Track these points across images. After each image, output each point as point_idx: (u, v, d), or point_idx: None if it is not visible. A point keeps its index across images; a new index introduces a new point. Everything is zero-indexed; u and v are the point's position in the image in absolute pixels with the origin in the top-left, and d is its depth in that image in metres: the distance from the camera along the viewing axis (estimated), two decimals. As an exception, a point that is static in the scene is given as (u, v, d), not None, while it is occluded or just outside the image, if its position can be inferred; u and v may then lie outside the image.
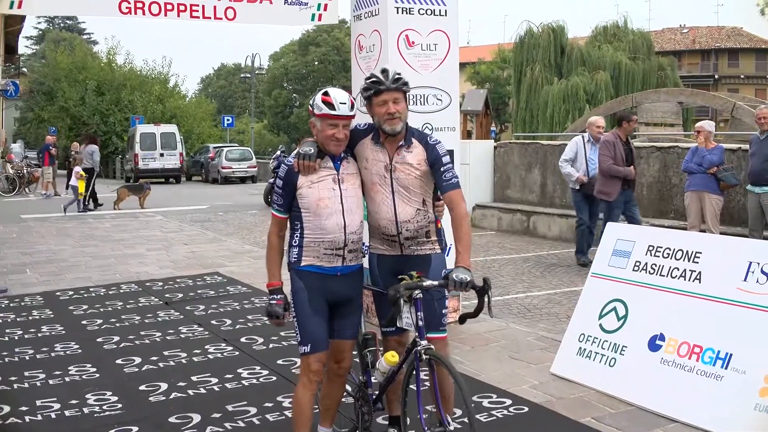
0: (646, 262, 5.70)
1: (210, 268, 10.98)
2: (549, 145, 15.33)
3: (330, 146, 3.96)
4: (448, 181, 4.00)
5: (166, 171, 36.36)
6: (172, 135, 36.50)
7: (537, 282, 10.00)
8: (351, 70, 7.55)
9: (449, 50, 7.06)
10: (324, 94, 3.95)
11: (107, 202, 21.57)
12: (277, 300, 3.99)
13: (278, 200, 4.02)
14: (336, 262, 3.99)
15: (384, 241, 4.16)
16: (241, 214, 19.59)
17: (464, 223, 3.91)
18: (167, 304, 8.54)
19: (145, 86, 46.51)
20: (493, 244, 13.61)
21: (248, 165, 36.41)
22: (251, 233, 15.49)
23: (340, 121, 3.93)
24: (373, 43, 7.00)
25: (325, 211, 3.94)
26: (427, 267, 4.11)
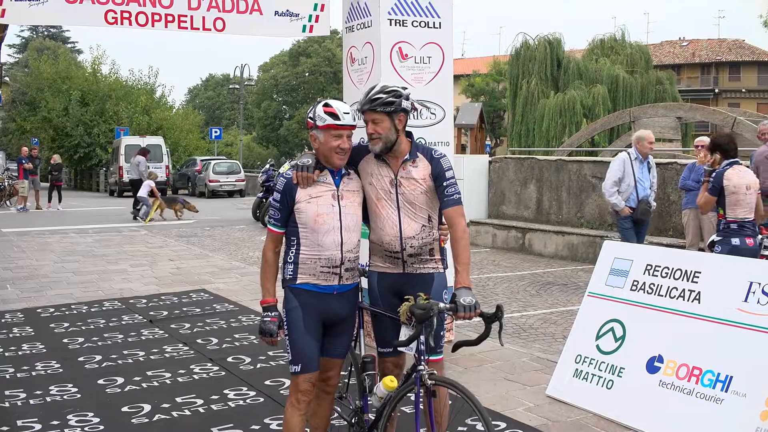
0: (644, 282, 5.71)
1: (196, 285, 10.95)
2: (545, 160, 15.39)
3: (333, 158, 3.96)
4: (450, 196, 4.02)
5: (151, 184, 36.29)
6: (158, 147, 36.44)
7: (532, 301, 10.01)
8: (342, 82, 7.57)
9: (443, 63, 7.09)
10: (325, 105, 3.97)
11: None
12: (271, 317, 3.97)
13: (275, 214, 4.02)
14: (332, 281, 3.99)
15: (386, 258, 4.17)
16: (228, 229, 19.55)
17: (464, 241, 3.92)
18: (151, 322, 8.51)
19: (130, 97, 46.50)
20: (487, 261, 13.62)
21: (236, 178, 36.38)
22: (239, 249, 15.46)
23: (345, 131, 3.95)
24: (366, 55, 7.03)
25: (323, 227, 3.94)
26: (429, 287, 4.11)
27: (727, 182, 7.18)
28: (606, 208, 13.62)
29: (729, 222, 7.21)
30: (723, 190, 7.19)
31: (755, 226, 7.29)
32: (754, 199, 7.24)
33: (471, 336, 7.00)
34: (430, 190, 4.08)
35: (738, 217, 7.18)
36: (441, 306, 3.67)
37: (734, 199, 7.17)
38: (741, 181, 7.19)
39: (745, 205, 7.18)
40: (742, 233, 7.17)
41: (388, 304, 4.13)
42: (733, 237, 7.17)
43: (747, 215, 7.20)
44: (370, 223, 4.20)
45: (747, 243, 7.13)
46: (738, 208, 7.17)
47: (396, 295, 4.11)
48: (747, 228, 7.20)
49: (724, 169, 7.26)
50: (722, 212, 7.27)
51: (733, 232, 7.18)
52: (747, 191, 7.19)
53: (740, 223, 7.18)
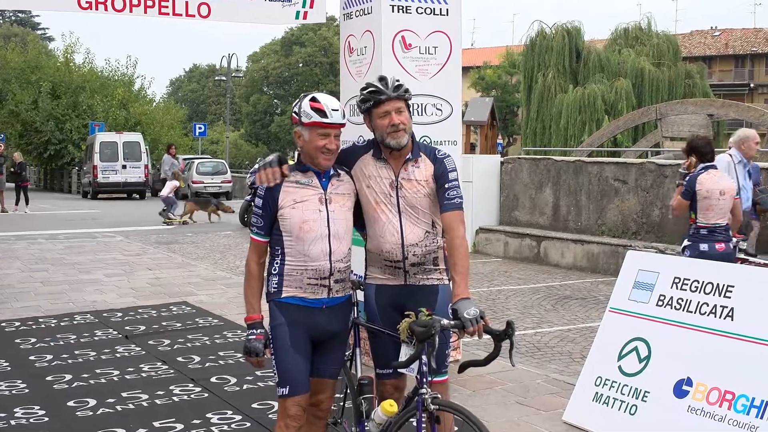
0: (672, 296, 5.70)
1: (177, 297, 10.94)
2: (563, 161, 15.40)
3: (319, 159, 3.96)
4: (451, 200, 4.02)
5: (128, 185, 36.37)
6: (137, 144, 36.53)
7: (548, 317, 10.00)
8: (340, 74, 7.57)
9: (450, 54, 7.09)
10: (312, 100, 3.96)
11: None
12: (256, 335, 3.96)
13: (257, 222, 4.02)
14: (321, 294, 3.98)
15: (386, 269, 4.17)
16: (213, 236, 19.54)
17: (462, 249, 3.92)
18: (127, 338, 8.49)
19: (106, 89, 46.56)
20: (498, 272, 13.61)
21: (222, 179, 36.44)
22: (224, 257, 15.45)
23: (332, 130, 3.95)
24: (365, 45, 7.03)
25: (309, 235, 3.94)
26: (434, 300, 4.11)
27: (699, 187, 7.59)
28: (630, 214, 13.64)
29: (699, 227, 7.62)
30: (696, 194, 7.61)
31: (728, 230, 7.67)
32: (728, 205, 7.63)
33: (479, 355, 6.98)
34: (434, 192, 4.09)
35: (709, 222, 7.58)
36: (444, 323, 3.65)
37: (706, 204, 7.57)
38: (714, 186, 7.58)
39: (718, 210, 7.57)
40: (712, 239, 7.56)
41: (388, 320, 4.12)
42: (702, 242, 7.57)
43: (719, 220, 7.59)
44: (368, 230, 4.20)
45: (717, 248, 7.50)
46: (709, 213, 7.57)
47: (396, 309, 4.10)
48: (718, 233, 7.58)
49: (698, 173, 7.68)
50: (693, 216, 7.68)
51: (702, 237, 7.59)
52: (721, 196, 7.57)
53: (711, 228, 7.58)
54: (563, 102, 35.76)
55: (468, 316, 3.63)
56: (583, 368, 6.12)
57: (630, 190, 13.77)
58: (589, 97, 35.24)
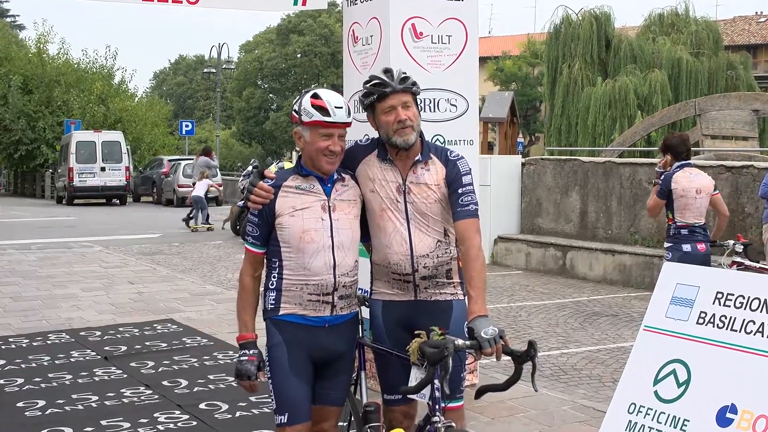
0: (714, 313, 5.67)
1: (162, 314, 10.96)
2: (591, 162, 15.39)
3: (321, 162, 3.97)
4: (465, 206, 4.02)
5: (108, 189, 36.41)
6: (117, 144, 36.59)
7: (575, 335, 9.98)
8: (342, 65, 7.58)
9: (466, 43, 7.09)
10: (314, 97, 3.97)
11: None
12: (249, 356, 3.97)
13: (253, 231, 4.03)
14: (323, 311, 3.98)
15: (394, 283, 4.17)
16: (201, 246, 19.57)
17: (479, 261, 3.93)
18: (107, 360, 8.51)
19: (83, 83, 46.65)
20: (519, 286, 13.60)
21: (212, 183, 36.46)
22: (214, 270, 15.47)
23: (336, 129, 3.95)
24: (371, 33, 7.04)
25: (311, 246, 3.94)
26: (447, 318, 4.11)
27: (675, 185, 8.17)
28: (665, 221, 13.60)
29: (679, 227, 8.18)
30: (671, 193, 8.18)
31: (706, 230, 8.26)
32: (705, 203, 8.22)
33: (498, 379, 6.98)
34: (445, 198, 4.10)
35: (687, 221, 8.14)
36: (458, 343, 3.64)
37: (683, 202, 8.15)
38: (690, 184, 8.16)
39: (695, 209, 8.16)
40: (693, 239, 8.12)
41: (396, 340, 4.12)
42: (684, 243, 8.11)
43: (697, 220, 8.17)
44: (373, 240, 4.20)
45: (698, 249, 8.08)
46: (687, 212, 8.15)
47: (406, 328, 4.11)
48: (698, 233, 8.16)
49: (674, 171, 8.26)
50: (671, 216, 8.25)
51: (683, 237, 8.13)
52: (697, 195, 8.16)
53: (690, 228, 8.14)
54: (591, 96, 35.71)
55: (485, 335, 3.63)
56: (614, 393, 6.10)
57: (666, 194, 13.73)
58: (620, 90, 35.17)
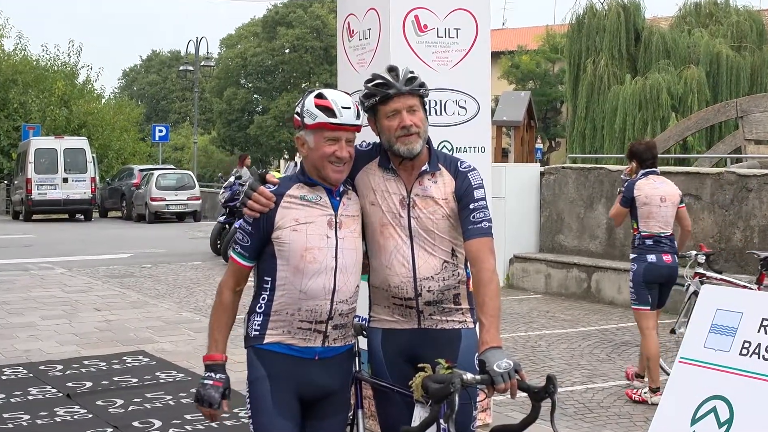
0: (759, 343, 5.67)
1: (132, 345, 10.94)
2: (619, 171, 15.38)
3: (328, 171, 3.97)
4: (477, 223, 4.02)
5: (71, 203, 36.39)
6: (81, 152, 36.56)
7: (602, 368, 9.97)
8: (336, 62, 7.59)
9: (476, 37, 7.09)
10: (318, 97, 3.97)
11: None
12: (214, 380, 3.97)
13: (243, 240, 4.01)
14: (314, 341, 3.98)
15: (395, 309, 4.17)
16: (177, 267, 19.56)
17: (492, 285, 3.93)
18: (69, 397, 8.49)
19: (43, 83, 46.74)
20: (538, 312, 13.58)
21: (189, 195, 36.48)
22: (192, 295, 15.45)
23: (343, 133, 3.95)
24: (369, 26, 7.04)
25: (312, 266, 3.94)
26: (455, 348, 4.11)
27: (638, 192, 8.73)
28: (705, 238, 13.60)
29: (644, 237, 8.72)
30: (634, 200, 8.73)
31: (673, 241, 8.80)
32: (670, 212, 8.77)
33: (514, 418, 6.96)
34: (454, 214, 4.10)
35: (651, 231, 8.68)
36: (468, 377, 3.63)
37: (646, 210, 8.68)
38: (653, 191, 8.71)
39: (659, 218, 8.70)
40: (658, 249, 8.65)
41: (397, 374, 4.12)
42: (649, 253, 8.64)
43: (662, 229, 8.70)
44: (372, 259, 4.20)
45: (664, 260, 8.64)
46: (651, 220, 8.68)
47: (408, 360, 4.11)
48: (664, 243, 8.69)
49: (637, 179, 8.86)
50: (636, 226, 8.81)
51: (648, 248, 8.67)
52: (662, 203, 8.70)
53: (655, 237, 8.67)
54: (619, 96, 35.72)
55: (499, 369, 3.62)
56: (647, 434, 6.10)
57: (704, 207, 13.75)
58: (652, 89, 35.20)
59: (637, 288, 8.73)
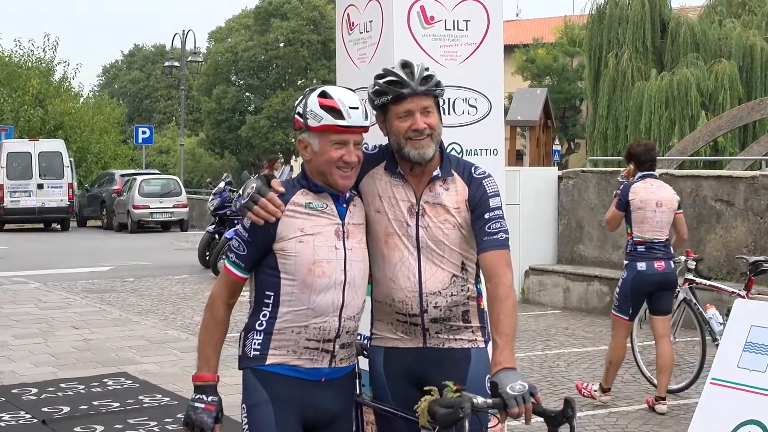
0: (798, 362, 5.67)
1: (113, 367, 10.95)
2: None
3: (335, 177, 3.96)
4: (493, 234, 4.02)
5: (46, 212, 36.37)
6: (57, 156, 36.55)
7: (626, 390, 9.97)
8: (336, 57, 7.59)
9: (488, 29, 7.08)
10: (322, 96, 3.95)
11: None
12: (206, 404, 3.95)
13: (240, 248, 3.99)
14: (321, 362, 3.98)
15: (398, 326, 4.17)
16: (162, 281, 19.56)
17: (508, 302, 3.92)
18: (45, 423, 8.49)
19: (16, 80, 46.80)
20: (557, 329, 13.57)
21: (175, 203, 36.47)
22: (178, 311, 15.45)
23: (351, 136, 3.94)
24: (371, 18, 7.04)
25: (321, 281, 3.93)
26: (464, 370, 4.10)
27: (633, 196, 9.05)
28: (738, 248, 13.59)
29: (636, 243, 9.07)
30: (629, 204, 9.08)
31: (668, 247, 9.14)
32: (666, 218, 9.08)
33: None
34: (466, 224, 4.09)
35: (645, 237, 9.02)
36: (478, 401, 3.62)
37: (640, 215, 9.02)
38: (649, 196, 9.05)
39: (654, 223, 9.02)
40: (650, 256, 9.00)
41: (401, 398, 4.12)
42: (639, 261, 9.01)
43: (656, 235, 9.04)
44: (374, 271, 4.19)
45: (655, 267, 8.97)
46: (645, 225, 9.02)
47: (413, 382, 4.11)
48: (657, 250, 9.03)
49: (634, 181, 9.19)
50: (629, 231, 9.14)
51: (639, 255, 9.03)
52: (657, 208, 9.03)
53: (648, 244, 9.02)
54: (644, 93, 35.72)
55: (512, 392, 3.61)
56: (675, 463, 6.09)
57: (737, 214, 13.74)
58: (680, 85, 35.20)
59: (621, 296, 9.13)
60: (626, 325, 9.21)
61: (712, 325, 9.70)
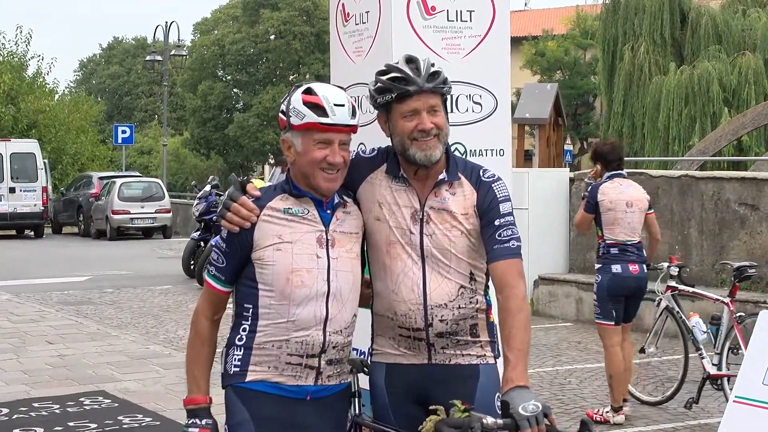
0: (829, 379, 5.67)
1: (90, 385, 10.94)
2: (662, 177, 15.39)
3: (318, 179, 3.95)
4: (504, 242, 4.02)
5: (18, 217, 36.33)
6: (30, 157, 36.53)
7: (643, 409, 9.98)
8: (330, 51, 7.60)
9: (494, 20, 7.08)
10: (306, 92, 3.96)
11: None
12: (200, 428, 3.97)
13: (219, 261, 4.01)
14: (305, 379, 3.98)
15: (401, 341, 4.17)
16: (143, 292, 19.55)
17: (521, 315, 3.91)
18: (17, 446, 8.49)
19: (-15, 76, 46.76)
20: (568, 343, 13.56)
21: (157, 208, 36.45)
22: (161, 324, 15.44)
23: (336, 134, 3.94)
24: (367, 9, 7.04)
25: (300, 291, 3.92)
26: (472, 388, 4.10)
27: (602, 197, 9.38)
28: (764, 255, 13.58)
29: (609, 245, 9.39)
30: (598, 206, 9.37)
31: (641, 249, 9.48)
32: (637, 219, 9.44)
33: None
34: (475, 231, 4.09)
35: (618, 239, 9.35)
36: (488, 422, 3.61)
37: (611, 217, 9.34)
38: (619, 196, 9.37)
39: (625, 224, 9.36)
40: (624, 258, 9.33)
41: (405, 417, 4.12)
42: (614, 263, 9.30)
43: (629, 237, 9.38)
44: (375, 283, 4.19)
45: (630, 270, 9.30)
46: (616, 227, 9.35)
47: (417, 400, 4.11)
48: (630, 252, 9.37)
49: (602, 182, 9.51)
50: (600, 233, 9.47)
51: (613, 257, 9.34)
52: (628, 209, 9.36)
53: (621, 246, 9.35)
54: (662, 88, 35.72)
55: (525, 412, 3.60)
56: (696, 487, 6.09)
57: (763, 218, 13.74)
58: (701, 80, 35.21)
59: (601, 301, 9.30)
60: (615, 331, 9.34)
61: (696, 334, 9.82)
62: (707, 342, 9.69)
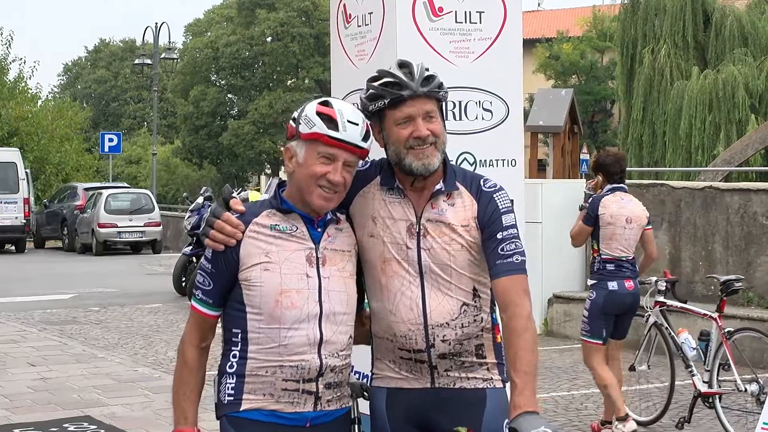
0: None
1: (75, 409, 10.93)
2: (684, 188, 15.39)
3: (313, 196, 3.94)
4: (507, 257, 4.01)
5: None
6: (11, 167, 36.57)
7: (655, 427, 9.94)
8: (330, 54, 7.60)
9: (505, 21, 7.09)
10: (322, 104, 3.97)
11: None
12: None
13: (205, 283, 4.01)
14: (304, 405, 3.98)
15: (402, 364, 4.17)
16: (132, 311, 19.55)
17: (527, 335, 3.91)
18: (-4, 476, 8.49)
19: (-36, 81, 46.84)
20: (583, 366, 13.49)
21: (146, 221, 36.48)
22: (150, 345, 15.44)
23: (343, 152, 3.92)
24: (370, 10, 7.05)
25: (290, 313, 3.92)
26: (479, 413, 4.09)
27: (603, 211, 9.53)
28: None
29: (605, 260, 9.55)
30: (598, 219, 9.52)
31: (634, 265, 9.69)
32: (635, 235, 9.63)
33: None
34: (476, 244, 4.08)
35: (613, 254, 9.53)
36: None
37: (610, 231, 9.51)
38: (620, 211, 9.55)
39: (623, 240, 9.54)
40: (620, 275, 9.53)
41: None
42: (610, 280, 9.49)
43: (624, 253, 9.57)
44: (371, 303, 4.19)
45: (626, 286, 9.51)
46: (613, 242, 9.52)
47: (419, 427, 4.13)
48: (625, 269, 9.57)
49: (603, 195, 9.65)
50: (596, 247, 9.64)
51: (609, 273, 9.52)
52: (627, 224, 9.54)
53: (617, 262, 9.54)
54: (684, 94, 35.74)
55: None
56: None
57: (792, 233, 13.73)
58: (726, 85, 35.21)
59: (593, 319, 9.43)
60: (600, 350, 9.50)
61: (685, 351, 9.94)
62: (697, 359, 9.80)
